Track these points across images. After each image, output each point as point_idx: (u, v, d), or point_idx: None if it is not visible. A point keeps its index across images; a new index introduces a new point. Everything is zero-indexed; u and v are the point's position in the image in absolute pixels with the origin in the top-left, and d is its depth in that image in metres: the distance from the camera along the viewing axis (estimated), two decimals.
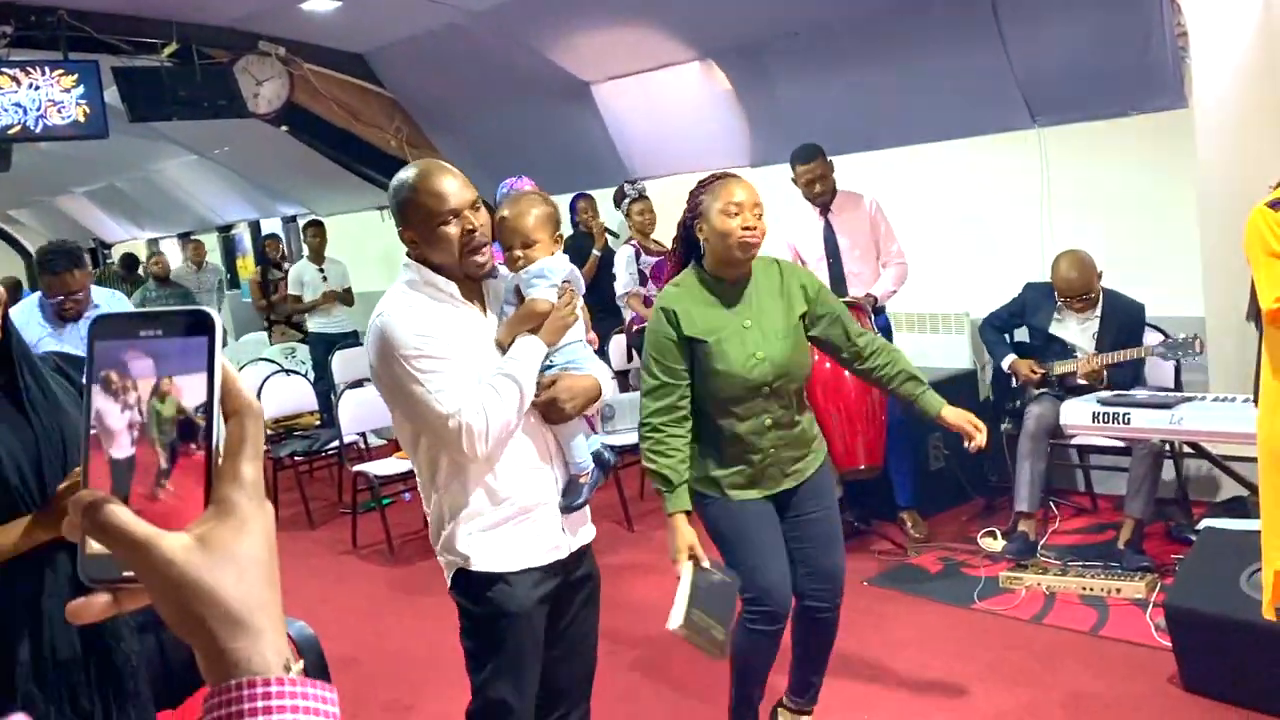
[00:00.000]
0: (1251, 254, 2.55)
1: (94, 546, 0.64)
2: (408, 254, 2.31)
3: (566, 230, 6.30)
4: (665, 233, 5.44)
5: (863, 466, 4.34)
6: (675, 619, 2.60)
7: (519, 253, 2.38)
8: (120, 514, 0.62)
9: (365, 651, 4.31)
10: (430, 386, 2.16)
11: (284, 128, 8.00)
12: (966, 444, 2.85)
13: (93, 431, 0.64)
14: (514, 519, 2.30)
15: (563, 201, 6.83)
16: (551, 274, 2.33)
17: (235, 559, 0.63)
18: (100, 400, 0.64)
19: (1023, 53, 5.03)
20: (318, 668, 2.69)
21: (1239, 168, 4.45)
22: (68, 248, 4.42)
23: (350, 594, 5.14)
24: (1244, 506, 4.36)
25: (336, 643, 4.06)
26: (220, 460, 0.65)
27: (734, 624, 2.87)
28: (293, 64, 7.52)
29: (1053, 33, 4.90)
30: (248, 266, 12.47)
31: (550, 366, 2.34)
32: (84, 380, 0.65)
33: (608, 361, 6.48)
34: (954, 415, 2.88)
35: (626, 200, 6.31)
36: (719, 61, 6.34)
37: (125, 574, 0.63)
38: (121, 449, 0.64)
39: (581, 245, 6.50)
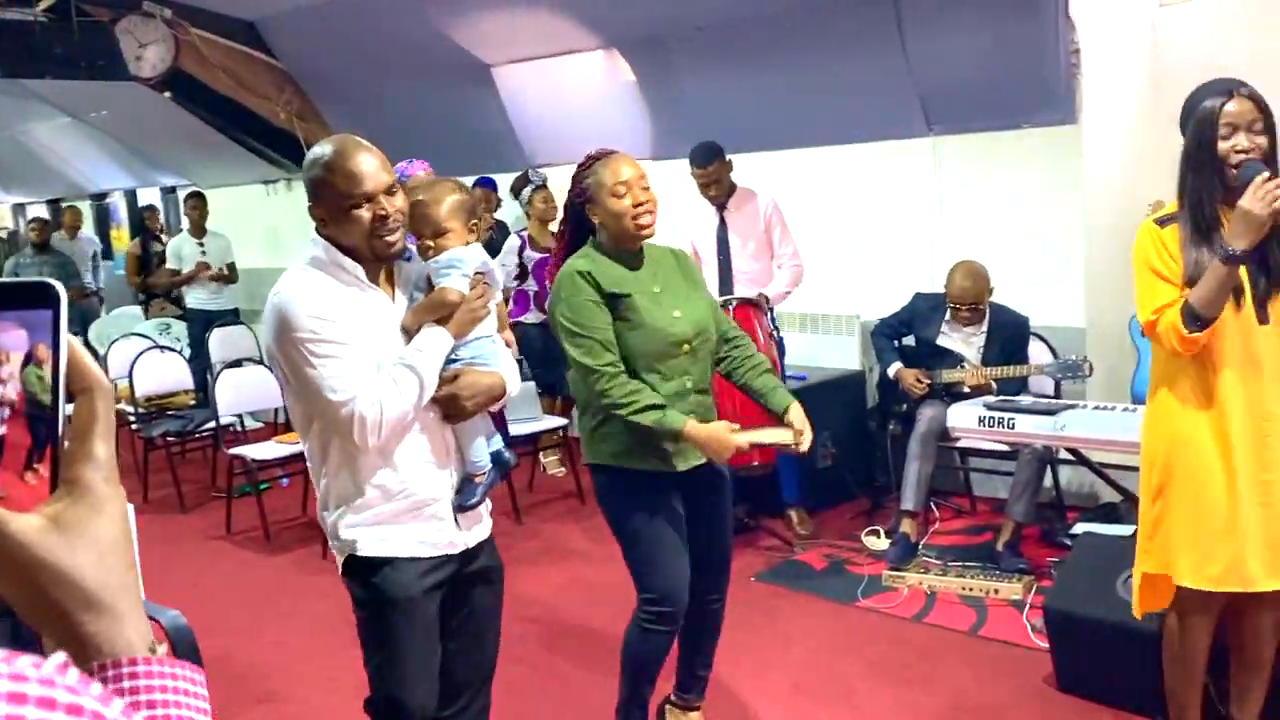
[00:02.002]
0: (1136, 268, 2.63)
1: None
2: (316, 230, 2.21)
3: None
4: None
5: (755, 463, 4.35)
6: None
7: (430, 242, 2.30)
8: None
9: (240, 641, 4.15)
10: (325, 372, 2.09)
11: (167, 94, 7.66)
12: (791, 445, 2.79)
13: None
14: (405, 513, 2.24)
15: None
16: (463, 264, 2.26)
17: (95, 540, 0.61)
18: None
19: (922, 62, 5.12)
20: (191, 659, 2.56)
21: (1124, 184, 4.61)
22: None
23: (223, 582, 4.95)
24: (1116, 512, 4.52)
25: (210, 633, 3.88)
26: (69, 440, 0.62)
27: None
28: (179, 27, 7.20)
29: (952, 44, 5.00)
30: (122, 238, 11.96)
31: (455, 361, 2.26)
32: None
33: None
34: (796, 416, 2.82)
35: (530, 187, 6.17)
36: (623, 52, 6.30)
37: None
38: None
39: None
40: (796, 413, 2.82)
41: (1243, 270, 2.50)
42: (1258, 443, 2.53)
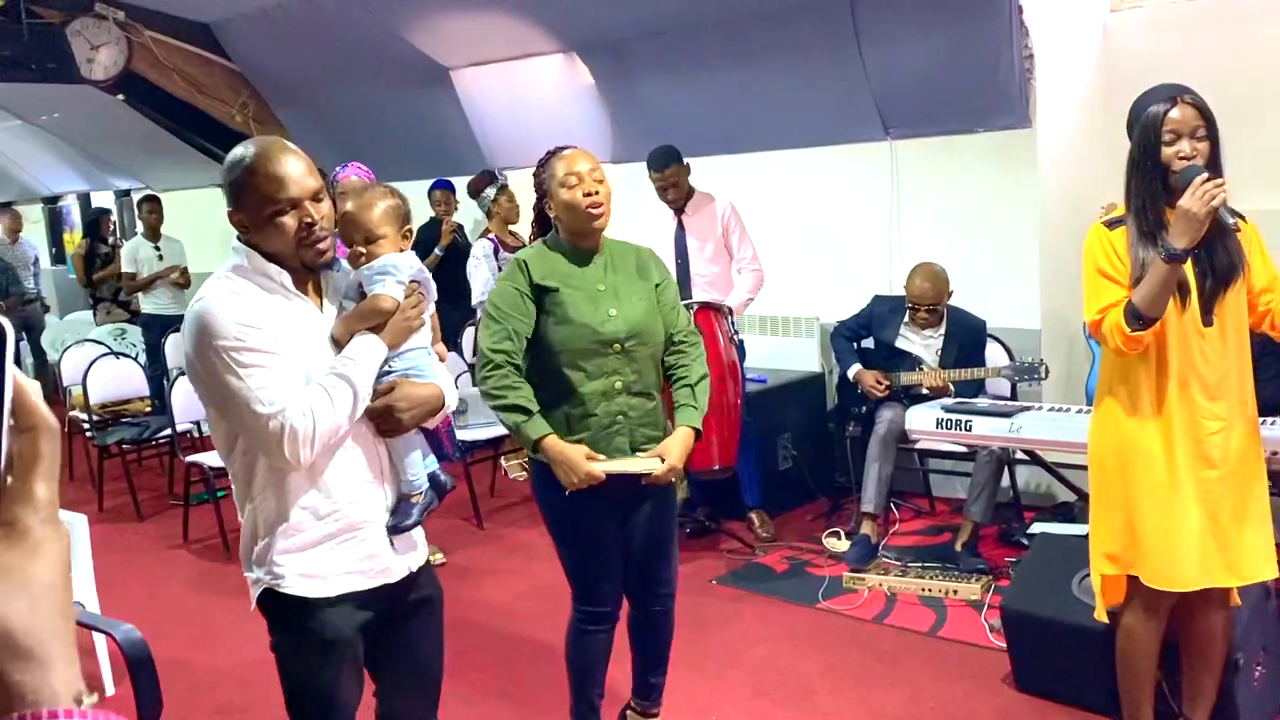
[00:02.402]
0: (1084, 269, 2.67)
1: None
2: (238, 237, 2.09)
3: (422, 218, 6.13)
4: (524, 226, 5.36)
5: (716, 466, 4.37)
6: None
7: (362, 249, 2.20)
8: None
9: (196, 652, 4.11)
10: (251, 383, 1.94)
11: (120, 96, 7.56)
12: (651, 475, 2.71)
13: None
14: (336, 537, 2.09)
15: (420, 188, 6.67)
16: (397, 271, 2.16)
17: (27, 585, 0.59)
18: None
19: (879, 67, 5.16)
20: (145, 670, 2.53)
21: (1077, 186, 4.67)
22: None
23: (181, 591, 4.89)
24: (1072, 512, 4.58)
25: (166, 643, 3.85)
26: (10, 479, 0.60)
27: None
28: (132, 30, 7.12)
29: (908, 49, 5.04)
30: (75, 241, 11.79)
31: (389, 373, 2.15)
32: None
33: (460, 355, 6.35)
34: (670, 443, 2.74)
35: (495, 188, 6.10)
36: (583, 55, 6.30)
37: None
38: None
39: (430, 235, 6.35)
40: (673, 439, 2.74)
41: (1190, 273, 2.55)
42: (1199, 442, 2.58)
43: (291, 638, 2.12)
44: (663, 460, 2.71)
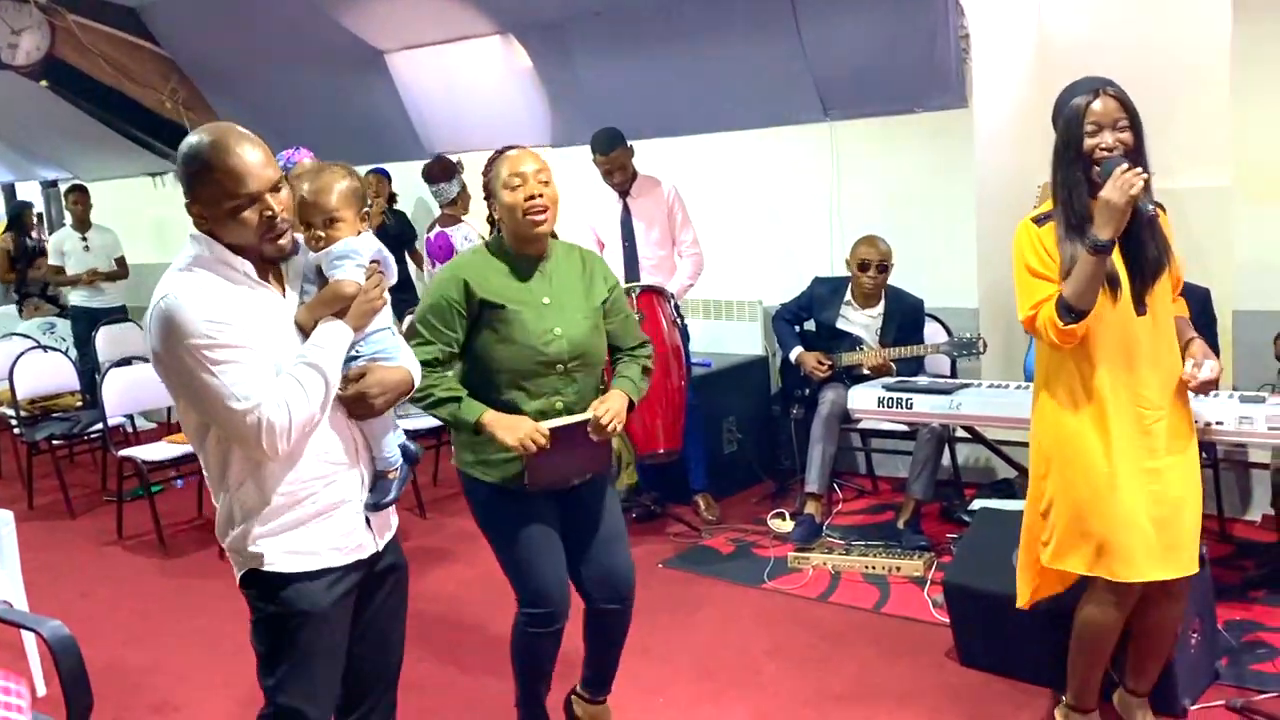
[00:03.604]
0: (1014, 267, 2.68)
1: None
2: (196, 225, 2.05)
3: None
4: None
5: (662, 451, 4.37)
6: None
7: (321, 232, 2.18)
8: None
9: (132, 650, 4.01)
10: (225, 379, 1.94)
11: (44, 83, 7.33)
12: (590, 424, 2.67)
13: None
14: (314, 518, 2.12)
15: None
16: (357, 254, 2.15)
17: None
18: None
19: (817, 47, 5.15)
20: (73, 667, 2.46)
21: (1013, 166, 4.70)
22: None
23: (115, 589, 4.77)
24: (1011, 488, 4.63)
25: (99, 642, 3.76)
26: None
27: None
28: (55, 14, 6.89)
29: (846, 30, 5.04)
30: (1, 234, 11.47)
31: (356, 357, 2.16)
32: None
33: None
34: (613, 396, 2.72)
35: (458, 184, 5.89)
36: (520, 37, 6.22)
37: None
38: None
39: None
40: (609, 395, 2.72)
41: (1120, 263, 2.57)
42: (1140, 431, 2.59)
43: (273, 610, 2.12)
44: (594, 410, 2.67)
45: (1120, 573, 2.59)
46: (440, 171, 5.90)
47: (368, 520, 2.22)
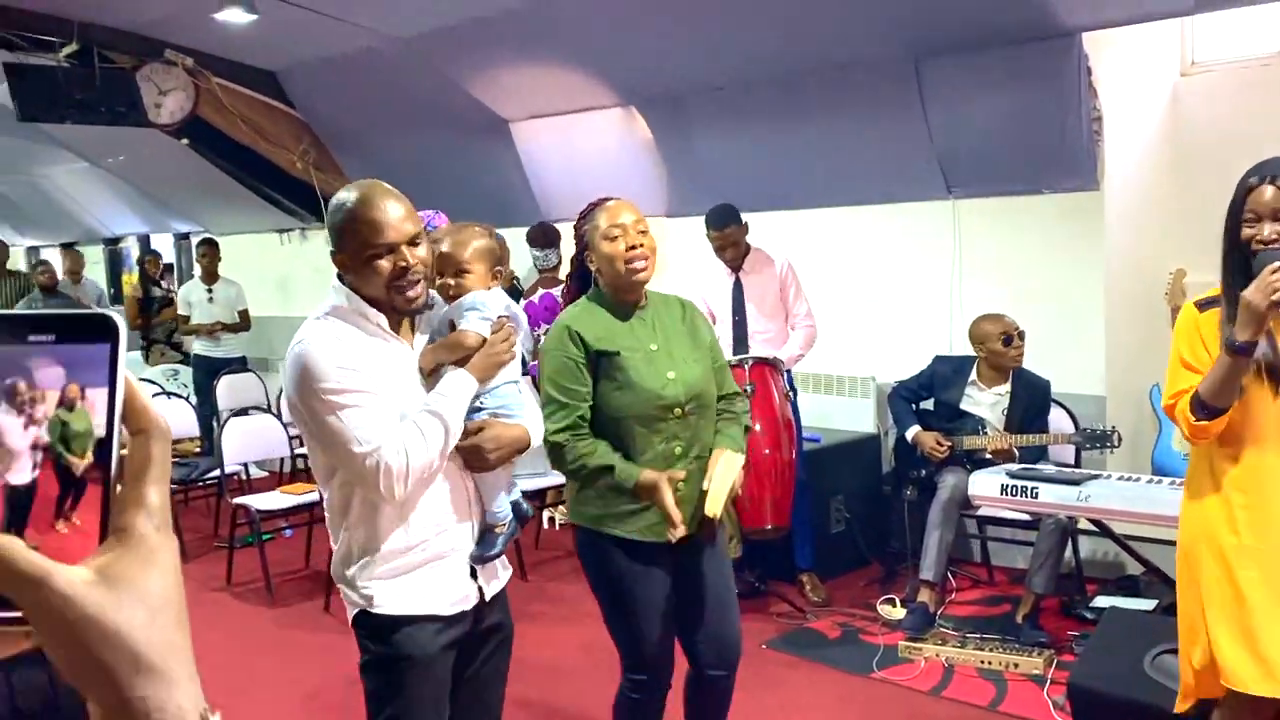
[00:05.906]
0: (1171, 348, 2.56)
1: None
2: (339, 276, 2.16)
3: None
4: None
5: (769, 526, 4.27)
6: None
7: (451, 280, 2.25)
8: (7, 544, 0.52)
9: (238, 699, 4.04)
10: (349, 422, 2.03)
11: (184, 141, 7.68)
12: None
13: None
14: (424, 565, 2.17)
15: None
16: (484, 307, 2.21)
17: (145, 596, 0.55)
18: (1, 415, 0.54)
19: (943, 124, 5.10)
20: None
21: (1145, 251, 4.57)
22: None
23: (224, 635, 4.83)
24: (1137, 585, 4.42)
25: (207, 688, 3.78)
26: (121, 485, 0.56)
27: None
28: (200, 76, 7.24)
29: (973, 107, 4.98)
30: (133, 282, 11.99)
31: (480, 410, 2.21)
32: None
33: None
34: (713, 464, 2.67)
35: (557, 253, 5.98)
36: (641, 109, 6.30)
37: (6, 615, 0.53)
38: (21, 474, 0.54)
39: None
40: (717, 463, 2.64)
41: None
42: None
43: (380, 654, 2.18)
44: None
45: (1251, 684, 2.41)
46: (542, 236, 6.04)
47: (474, 571, 2.24)
